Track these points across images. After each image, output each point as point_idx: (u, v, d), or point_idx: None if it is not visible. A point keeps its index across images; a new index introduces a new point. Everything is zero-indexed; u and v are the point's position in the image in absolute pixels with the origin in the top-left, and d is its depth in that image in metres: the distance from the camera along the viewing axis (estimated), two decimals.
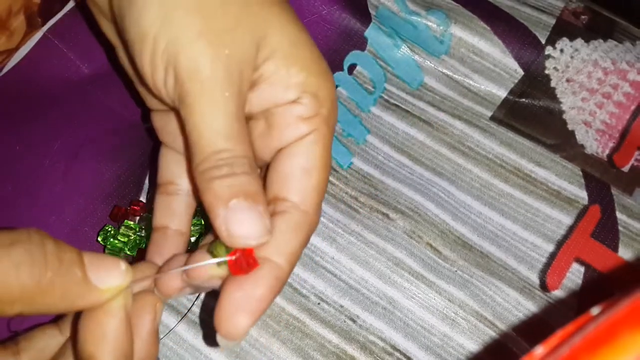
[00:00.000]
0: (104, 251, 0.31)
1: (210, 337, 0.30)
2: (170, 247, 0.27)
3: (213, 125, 0.22)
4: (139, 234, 0.31)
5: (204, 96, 0.22)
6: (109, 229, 0.31)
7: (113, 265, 0.21)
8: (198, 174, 0.22)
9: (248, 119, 0.25)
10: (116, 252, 0.30)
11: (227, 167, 0.22)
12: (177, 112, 0.23)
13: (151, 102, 0.27)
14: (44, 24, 0.37)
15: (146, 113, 0.29)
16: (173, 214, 0.27)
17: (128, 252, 0.31)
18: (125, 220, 0.31)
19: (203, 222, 0.31)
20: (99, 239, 0.31)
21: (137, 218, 0.32)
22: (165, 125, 0.27)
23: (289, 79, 0.24)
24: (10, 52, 0.36)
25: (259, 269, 0.22)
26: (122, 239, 0.31)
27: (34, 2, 0.35)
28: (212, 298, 0.31)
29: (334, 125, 0.25)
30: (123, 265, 0.21)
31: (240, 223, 0.21)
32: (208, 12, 0.22)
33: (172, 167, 0.27)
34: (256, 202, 0.22)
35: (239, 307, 0.21)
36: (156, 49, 0.22)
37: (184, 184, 0.27)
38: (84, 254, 0.21)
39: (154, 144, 0.35)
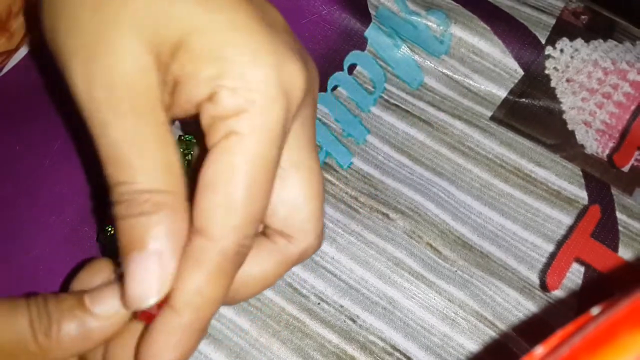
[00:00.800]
0: (103, 251, 0.31)
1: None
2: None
3: (108, 153, 0.19)
4: None
5: (92, 124, 0.19)
6: (109, 229, 0.31)
7: (108, 292, 0.20)
8: (116, 203, 0.19)
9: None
10: (116, 253, 0.30)
11: (125, 206, 0.19)
12: None
13: None
14: None
15: None
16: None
17: None
18: None
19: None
20: (99, 239, 0.31)
21: None
22: None
23: (198, 73, 0.19)
24: (10, 53, 0.36)
25: (160, 318, 0.19)
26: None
27: (33, 2, 0.35)
28: None
29: (279, 122, 0.19)
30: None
31: (132, 279, 0.19)
32: (81, 22, 0.19)
33: None
34: (155, 251, 0.18)
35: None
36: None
37: None
38: (86, 295, 0.21)
39: None
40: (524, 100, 0.37)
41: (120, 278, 0.20)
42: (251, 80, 0.19)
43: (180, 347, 0.19)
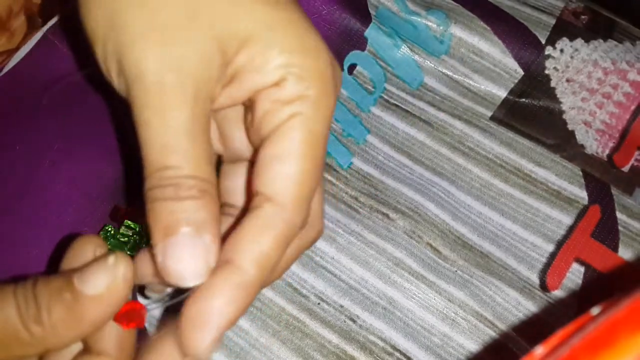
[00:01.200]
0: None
1: None
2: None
3: (157, 138, 0.19)
4: (139, 233, 0.31)
5: (148, 105, 0.19)
6: (109, 229, 0.31)
7: (98, 266, 0.19)
8: (144, 192, 0.20)
9: (219, 113, 0.23)
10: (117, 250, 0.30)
11: (172, 189, 0.19)
12: None
13: None
14: (44, 24, 0.37)
15: None
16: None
17: (128, 252, 0.31)
18: (125, 220, 0.31)
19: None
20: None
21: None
22: None
23: (268, 64, 0.21)
24: (11, 52, 0.36)
25: (220, 274, 0.19)
26: (122, 239, 0.31)
27: (34, 2, 0.35)
28: None
29: (330, 107, 0.22)
30: (111, 259, 0.19)
31: (177, 259, 0.19)
32: (156, 5, 0.20)
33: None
34: (200, 233, 0.19)
35: (196, 324, 0.19)
36: (106, 52, 0.20)
37: None
38: (75, 274, 0.19)
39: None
40: (524, 100, 0.37)
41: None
42: (315, 71, 0.21)
43: (239, 305, 0.19)
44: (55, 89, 0.36)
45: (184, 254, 0.19)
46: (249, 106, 0.23)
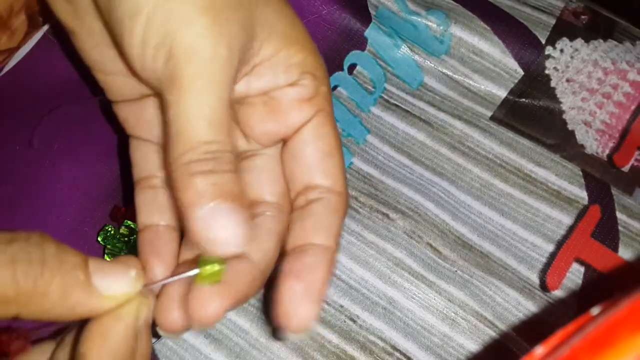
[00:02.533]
0: (104, 251, 0.31)
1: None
2: (167, 245, 0.24)
3: (204, 111, 0.19)
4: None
5: (201, 79, 0.19)
6: (109, 229, 0.31)
7: (121, 272, 0.20)
8: (178, 165, 0.19)
9: (241, 103, 0.23)
10: (116, 253, 0.30)
11: (213, 162, 0.19)
12: (159, 96, 0.21)
13: (116, 91, 0.25)
14: (45, 23, 0.37)
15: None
16: (161, 209, 0.24)
17: (128, 253, 0.31)
18: (126, 220, 0.31)
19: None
20: (99, 239, 0.31)
21: None
22: (136, 116, 0.25)
23: (289, 60, 0.23)
24: (12, 51, 0.36)
25: (312, 255, 0.22)
26: (122, 239, 0.31)
27: (35, 1, 0.35)
28: None
29: (332, 103, 0.25)
30: (133, 272, 0.20)
31: (221, 227, 0.19)
32: None
33: (150, 158, 0.25)
34: (241, 205, 0.19)
35: (304, 299, 0.21)
36: (150, 26, 0.20)
37: (159, 175, 0.25)
38: (91, 260, 0.20)
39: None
40: (524, 100, 0.37)
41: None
42: (321, 68, 0.24)
43: (328, 279, 0.22)
44: (55, 89, 0.36)
45: (229, 223, 0.19)
46: (251, 102, 0.23)
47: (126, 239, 0.31)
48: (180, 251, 0.24)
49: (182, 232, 0.25)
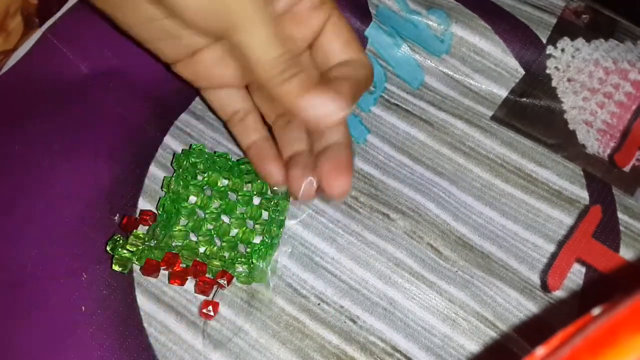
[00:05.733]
0: (112, 261, 0.31)
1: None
2: (269, 150, 0.30)
3: (264, 39, 0.25)
4: (147, 244, 0.31)
5: (252, 21, 0.24)
6: (118, 239, 0.31)
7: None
8: (270, 82, 0.25)
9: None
10: (124, 262, 0.30)
11: (292, 67, 0.25)
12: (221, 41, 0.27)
13: (169, 55, 0.29)
14: (41, 24, 0.37)
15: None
16: (254, 130, 0.31)
17: (136, 262, 0.31)
18: (135, 230, 0.31)
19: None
20: (108, 248, 0.31)
21: (147, 228, 0.32)
22: (194, 71, 0.30)
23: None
24: (8, 53, 0.36)
25: (335, 143, 0.28)
26: (130, 249, 0.30)
27: (31, 2, 0.35)
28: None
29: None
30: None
31: (323, 105, 0.25)
32: None
33: (225, 100, 0.31)
34: (326, 87, 0.26)
35: (338, 174, 0.27)
36: None
37: (246, 106, 0.31)
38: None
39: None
40: (525, 99, 0.37)
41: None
42: None
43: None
44: (55, 89, 0.36)
45: (327, 101, 0.25)
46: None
47: (134, 248, 0.30)
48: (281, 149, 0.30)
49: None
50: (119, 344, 0.30)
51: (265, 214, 0.33)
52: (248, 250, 0.31)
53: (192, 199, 0.33)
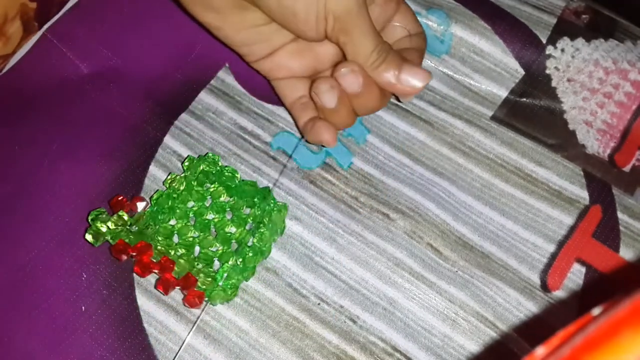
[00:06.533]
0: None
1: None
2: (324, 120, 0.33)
3: (367, 37, 0.30)
4: (128, 227, 0.31)
5: (357, 25, 0.29)
6: (102, 212, 0.31)
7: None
8: (369, 68, 0.30)
9: None
10: (97, 235, 0.30)
11: (386, 52, 0.30)
12: (330, 41, 0.31)
13: (254, 55, 0.33)
14: (40, 28, 0.37)
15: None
16: (312, 111, 0.33)
17: (109, 240, 0.31)
18: (121, 211, 0.31)
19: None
20: (89, 217, 0.31)
21: (134, 213, 0.32)
22: (272, 66, 0.34)
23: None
24: (7, 57, 0.36)
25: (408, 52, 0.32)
26: (109, 226, 0.31)
27: (30, 7, 0.35)
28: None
29: None
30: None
31: (412, 77, 0.30)
32: None
33: (291, 89, 0.34)
34: (409, 62, 0.31)
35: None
36: (319, 7, 0.29)
37: (305, 94, 0.34)
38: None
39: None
40: (524, 100, 0.37)
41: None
42: None
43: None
44: (55, 89, 0.36)
45: (415, 73, 0.30)
46: None
47: (113, 226, 0.31)
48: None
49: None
50: (119, 344, 0.30)
51: (251, 241, 0.32)
52: (220, 269, 0.31)
53: (190, 203, 0.33)
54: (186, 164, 0.33)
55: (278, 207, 0.32)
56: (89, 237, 0.31)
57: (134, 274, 0.31)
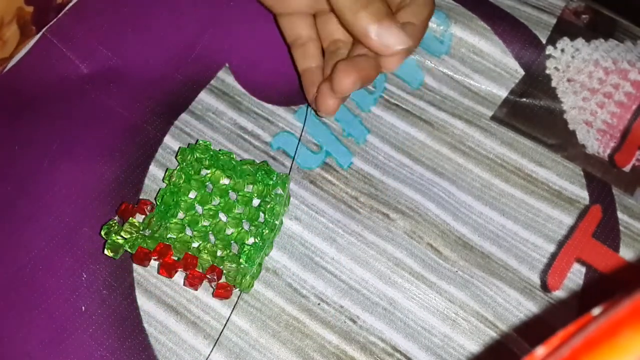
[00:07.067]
0: (104, 246, 0.31)
1: None
2: (320, 78, 0.34)
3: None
4: (141, 232, 0.31)
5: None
6: (113, 224, 0.31)
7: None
8: (345, 9, 0.29)
9: None
10: (117, 248, 0.30)
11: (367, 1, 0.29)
12: None
13: None
14: (37, 32, 0.37)
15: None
16: (312, 57, 0.34)
17: (128, 249, 0.31)
18: (130, 218, 0.31)
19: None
20: (102, 232, 0.31)
21: (143, 217, 0.32)
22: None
23: None
24: (4, 61, 0.36)
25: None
26: (124, 235, 0.30)
27: (26, 11, 0.35)
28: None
29: None
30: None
31: (389, 35, 0.29)
32: None
33: (294, 26, 0.34)
34: (395, 20, 0.29)
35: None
36: None
37: (310, 33, 0.34)
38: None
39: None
40: (524, 100, 0.37)
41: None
42: None
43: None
44: (55, 89, 0.36)
45: (393, 32, 0.29)
46: None
47: (128, 235, 0.31)
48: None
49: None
50: (119, 344, 0.30)
51: (262, 217, 0.33)
52: (239, 250, 0.31)
53: (192, 193, 0.33)
54: (179, 156, 0.33)
55: (281, 179, 0.33)
56: (107, 252, 0.30)
57: (134, 274, 0.31)
